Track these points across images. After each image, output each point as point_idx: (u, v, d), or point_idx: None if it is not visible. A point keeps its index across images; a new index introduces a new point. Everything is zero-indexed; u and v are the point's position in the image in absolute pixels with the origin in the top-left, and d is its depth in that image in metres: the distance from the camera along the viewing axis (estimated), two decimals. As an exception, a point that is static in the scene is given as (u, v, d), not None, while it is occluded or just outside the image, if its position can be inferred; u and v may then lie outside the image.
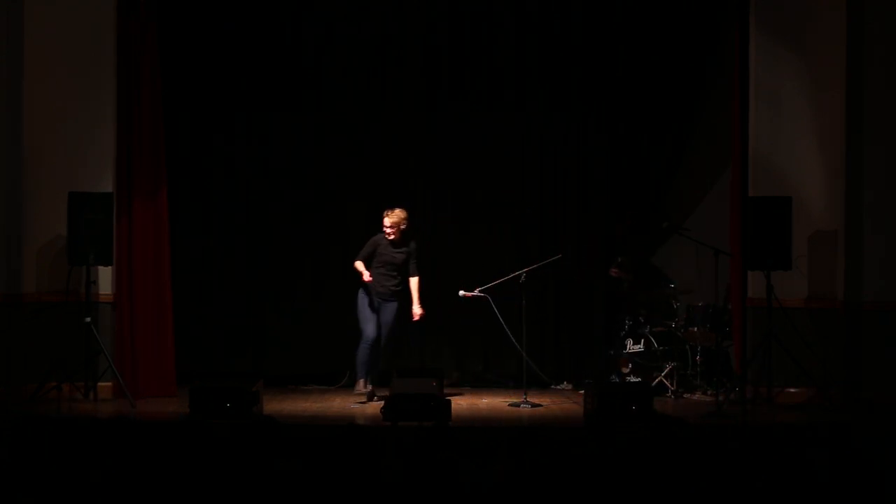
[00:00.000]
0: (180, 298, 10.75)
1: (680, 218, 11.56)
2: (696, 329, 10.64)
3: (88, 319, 9.91)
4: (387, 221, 10.08)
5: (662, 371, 10.57)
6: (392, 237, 10.10)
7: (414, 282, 10.21)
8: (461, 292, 10.40)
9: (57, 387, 9.72)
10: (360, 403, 9.95)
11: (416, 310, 10.19)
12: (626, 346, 10.90)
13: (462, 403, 10.12)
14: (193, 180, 11.39)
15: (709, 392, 10.47)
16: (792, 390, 10.00)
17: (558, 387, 11.26)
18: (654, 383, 10.40)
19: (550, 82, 11.55)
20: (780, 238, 9.85)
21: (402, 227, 10.11)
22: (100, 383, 10.09)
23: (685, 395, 10.51)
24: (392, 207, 10.13)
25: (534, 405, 9.95)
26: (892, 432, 8.57)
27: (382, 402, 9.08)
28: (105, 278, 10.26)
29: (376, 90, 11.53)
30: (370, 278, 9.98)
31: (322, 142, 11.50)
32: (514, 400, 10.20)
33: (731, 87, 10.61)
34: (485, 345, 11.47)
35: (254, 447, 5.62)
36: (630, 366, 10.76)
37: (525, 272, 10.17)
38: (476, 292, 10.30)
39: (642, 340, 10.79)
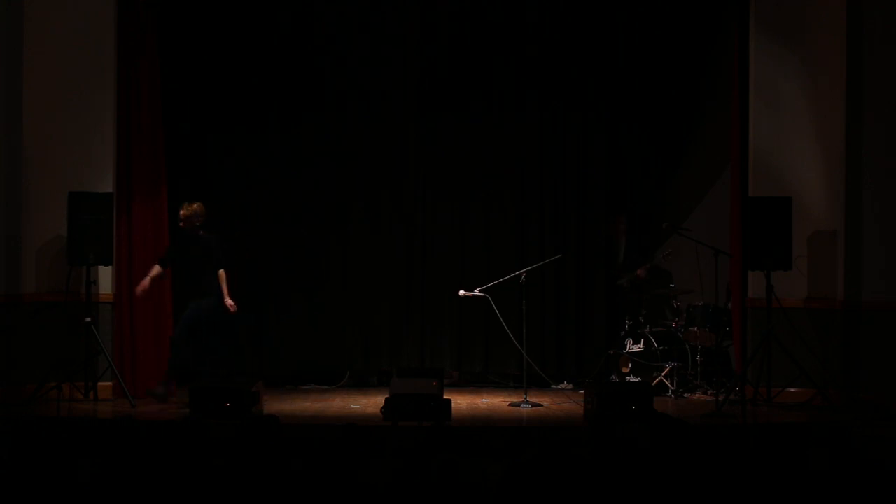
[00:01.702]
0: (180, 298, 10.74)
1: (680, 218, 11.56)
2: (696, 329, 10.64)
3: (88, 319, 9.92)
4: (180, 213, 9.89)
5: (662, 371, 10.57)
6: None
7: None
8: (461, 292, 10.41)
9: (57, 387, 9.69)
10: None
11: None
12: (626, 346, 10.90)
13: (462, 403, 10.12)
14: (193, 180, 11.38)
15: (709, 392, 10.47)
16: (792, 390, 10.00)
17: (558, 387, 11.26)
18: (654, 383, 10.40)
19: (550, 82, 11.54)
20: (780, 238, 9.86)
21: (197, 222, 9.85)
22: (100, 383, 10.10)
23: (685, 395, 10.51)
24: (192, 202, 9.93)
25: (534, 405, 9.95)
26: (892, 432, 8.58)
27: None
28: (105, 278, 10.26)
29: (376, 90, 11.53)
30: None
31: (322, 141, 11.50)
32: (514, 400, 10.20)
33: (731, 87, 10.62)
34: (485, 345, 11.47)
35: (254, 447, 5.62)
36: (630, 366, 10.76)
37: (525, 272, 10.18)
38: (476, 292, 10.30)
39: (642, 340, 10.79)
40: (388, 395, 9.10)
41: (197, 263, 9.89)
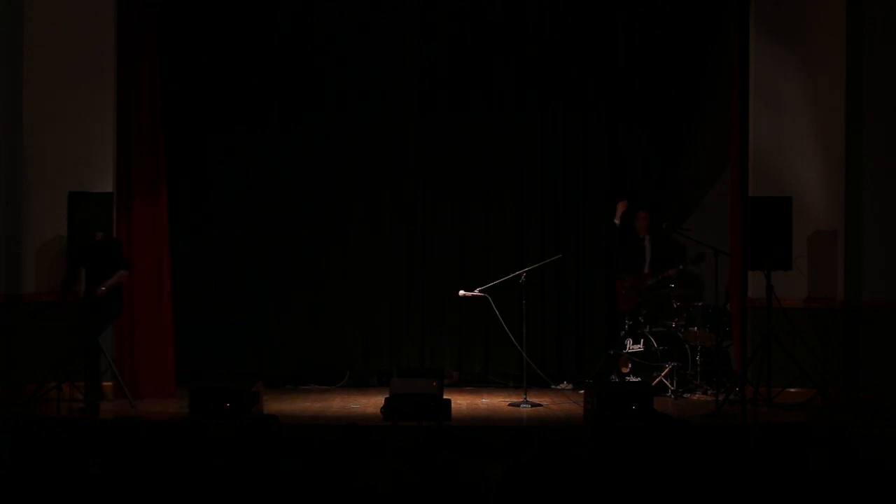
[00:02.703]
0: (180, 298, 10.75)
1: (680, 218, 11.55)
2: (696, 329, 10.64)
3: (88, 320, 9.91)
4: None
5: (662, 371, 10.56)
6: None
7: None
8: (461, 292, 10.41)
9: (57, 387, 9.69)
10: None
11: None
12: (626, 346, 10.89)
13: (462, 403, 10.12)
14: (193, 180, 11.40)
15: (709, 392, 10.47)
16: (792, 390, 9.99)
17: (558, 387, 11.25)
18: (654, 383, 10.39)
19: (550, 82, 11.54)
20: (780, 238, 9.85)
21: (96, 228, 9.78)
22: (99, 383, 10.09)
23: (685, 395, 10.51)
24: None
25: (534, 405, 9.95)
26: (892, 432, 8.58)
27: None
28: (105, 278, 10.25)
29: (376, 90, 11.53)
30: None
31: (322, 141, 11.50)
32: (514, 400, 10.20)
33: (731, 87, 10.61)
34: (485, 345, 11.47)
35: (254, 447, 5.62)
36: (630, 366, 10.75)
37: (525, 272, 10.17)
38: (476, 292, 10.30)
39: (642, 340, 10.78)
40: (388, 395, 9.10)
41: (102, 267, 9.69)
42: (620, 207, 11.26)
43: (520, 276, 10.16)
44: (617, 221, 11.28)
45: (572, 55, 11.55)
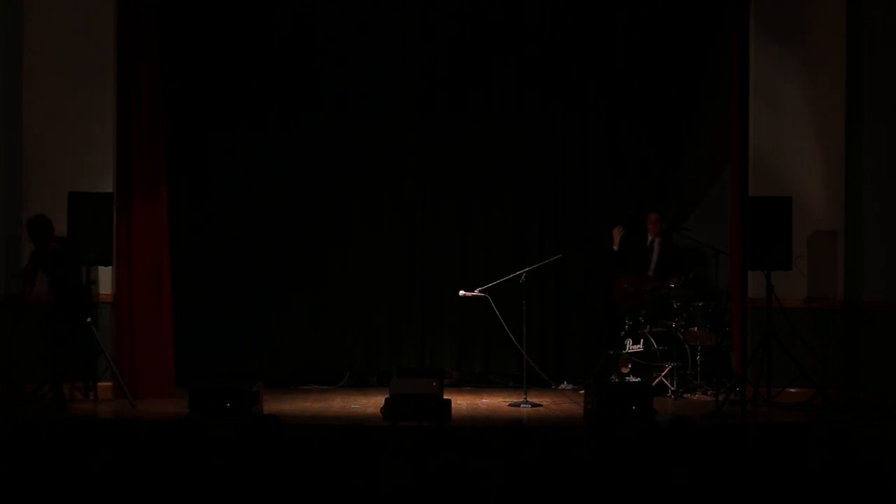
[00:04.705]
0: (180, 298, 10.75)
1: (680, 218, 11.54)
2: (696, 329, 10.63)
3: (89, 319, 9.90)
4: None
5: (662, 371, 10.56)
6: None
7: None
8: (461, 292, 10.41)
9: (53, 388, 9.69)
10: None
11: None
12: (626, 346, 10.88)
13: (462, 403, 10.12)
14: (193, 180, 11.40)
15: (709, 392, 10.47)
16: (792, 390, 10.00)
17: (558, 387, 11.26)
18: (654, 383, 10.38)
19: (550, 82, 11.54)
20: (780, 238, 9.85)
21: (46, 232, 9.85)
22: (100, 383, 10.10)
23: (685, 395, 10.51)
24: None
25: (534, 405, 9.95)
26: (892, 432, 8.58)
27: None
28: (105, 278, 10.26)
29: (376, 90, 11.53)
30: None
31: (322, 141, 11.51)
32: (514, 400, 10.20)
33: (731, 87, 10.61)
34: (485, 345, 11.47)
35: (254, 447, 5.62)
36: (630, 366, 10.74)
37: (525, 272, 10.18)
38: (476, 292, 10.30)
39: (642, 340, 10.78)
40: (388, 395, 9.10)
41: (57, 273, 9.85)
42: (617, 234, 11.20)
43: (520, 276, 10.16)
44: (616, 248, 11.24)
45: (572, 55, 11.55)
